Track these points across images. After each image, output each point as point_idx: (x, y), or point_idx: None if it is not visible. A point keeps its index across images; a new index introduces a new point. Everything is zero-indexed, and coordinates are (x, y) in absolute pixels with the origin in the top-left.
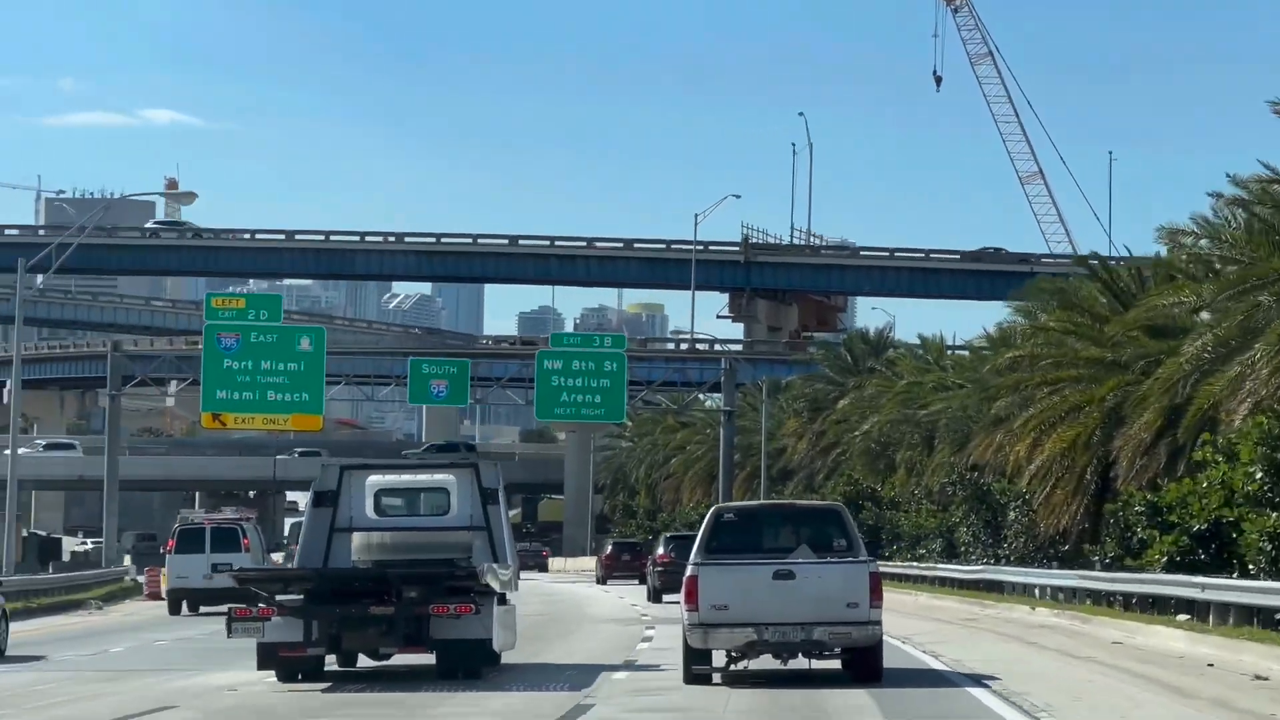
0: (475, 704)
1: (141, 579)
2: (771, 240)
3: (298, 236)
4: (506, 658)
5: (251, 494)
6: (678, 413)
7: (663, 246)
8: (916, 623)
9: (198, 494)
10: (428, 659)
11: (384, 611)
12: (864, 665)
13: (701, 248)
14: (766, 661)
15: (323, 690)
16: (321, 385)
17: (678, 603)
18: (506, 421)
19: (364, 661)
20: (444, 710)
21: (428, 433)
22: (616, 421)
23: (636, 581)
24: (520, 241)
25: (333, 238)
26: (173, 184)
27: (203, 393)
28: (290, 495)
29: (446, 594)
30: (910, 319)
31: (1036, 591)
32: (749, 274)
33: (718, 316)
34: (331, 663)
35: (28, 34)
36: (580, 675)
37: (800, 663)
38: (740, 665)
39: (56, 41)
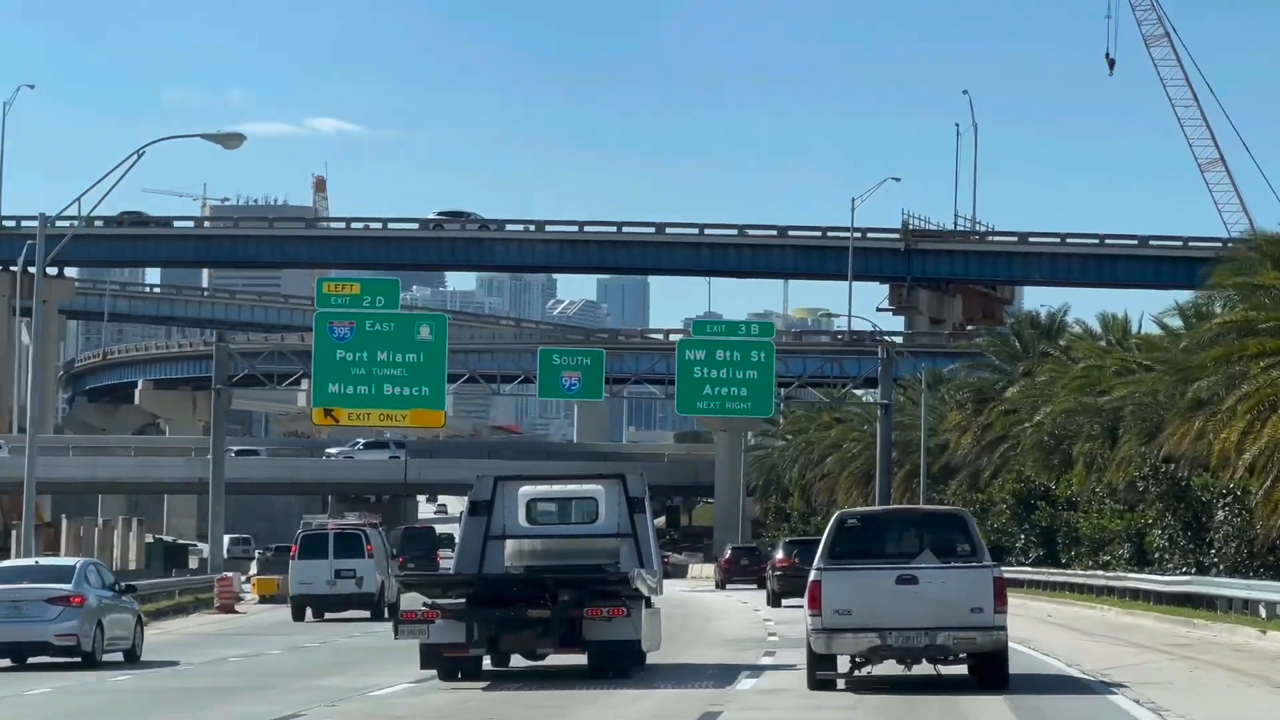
0: (631, 700)
1: (246, 585)
2: (933, 228)
3: (433, 226)
4: (650, 658)
5: (385, 498)
6: (832, 406)
7: (818, 234)
8: (1109, 649)
9: (329, 498)
10: (575, 659)
11: (540, 614)
12: (990, 671)
13: (859, 235)
14: (890, 667)
15: (483, 689)
16: (443, 379)
17: (796, 606)
18: (673, 425)
19: (516, 661)
20: (608, 704)
21: (579, 434)
22: (764, 416)
23: (755, 586)
24: (668, 230)
25: (469, 225)
26: (320, 182)
27: (313, 386)
28: (442, 499)
29: (599, 597)
30: (1082, 312)
31: (1263, 609)
32: (909, 262)
33: (877, 309)
34: (486, 663)
35: (200, 48)
36: (721, 674)
37: (924, 668)
38: (864, 670)
39: (226, 54)
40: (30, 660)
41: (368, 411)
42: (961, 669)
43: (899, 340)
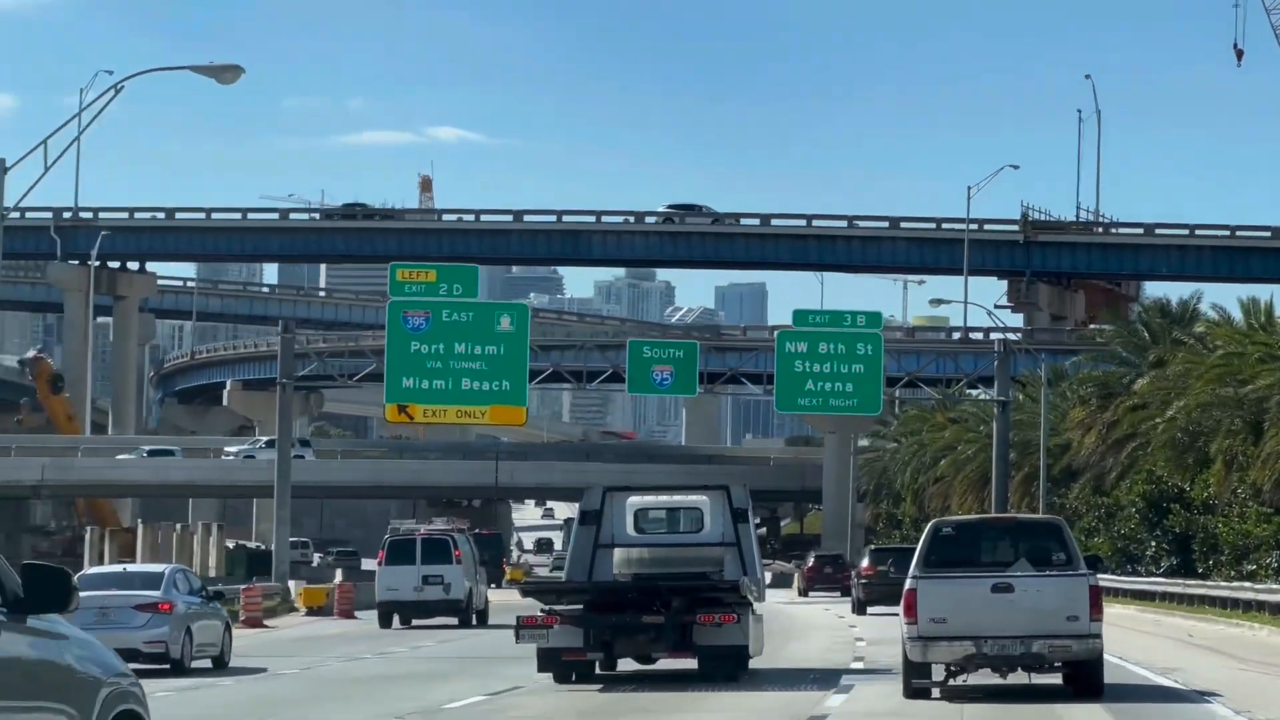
0: (745, 700)
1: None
2: (1054, 219)
3: (527, 217)
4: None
5: (476, 502)
6: (946, 402)
7: (932, 226)
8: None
9: (421, 502)
10: (683, 664)
11: (655, 620)
12: (1084, 679)
13: (976, 226)
14: (984, 676)
15: (599, 690)
16: (524, 373)
17: (882, 615)
18: (790, 431)
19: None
20: (727, 703)
21: (687, 438)
22: (872, 414)
23: (839, 593)
24: (773, 221)
25: (565, 218)
26: (426, 182)
27: (386, 380)
28: (550, 503)
29: (710, 604)
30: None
31: None
32: (1029, 255)
33: (995, 306)
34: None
35: (321, 57)
36: (824, 677)
37: (1019, 677)
38: (959, 679)
39: (347, 63)
40: None
41: (444, 408)
42: (1055, 678)
43: (1017, 337)
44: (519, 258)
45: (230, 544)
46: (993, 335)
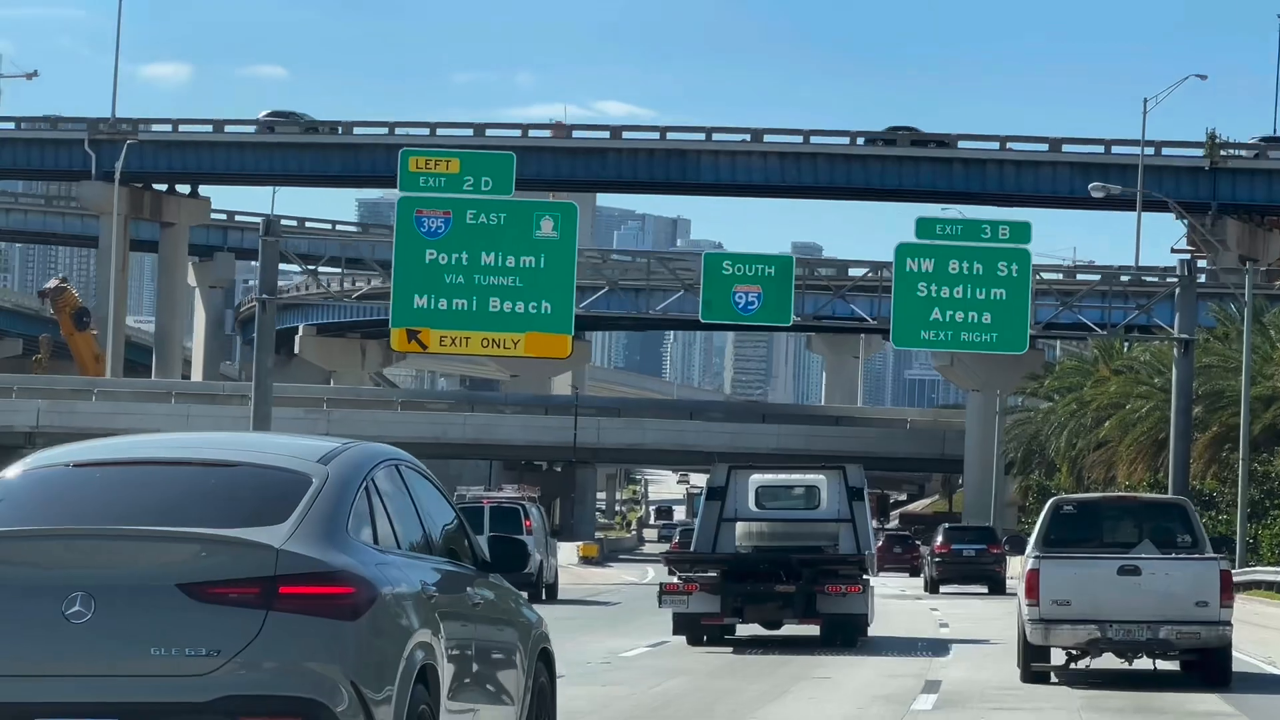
0: (880, 662)
1: None
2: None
3: (626, 135)
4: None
5: (559, 466)
6: (1112, 350)
7: (1100, 150)
8: None
9: (496, 463)
10: (798, 630)
11: (786, 589)
12: (1211, 667)
13: (1151, 150)
14: (1105, 660)
15: (733, 652)
16: (571, 292)
17: (956, 593)
18: (953, 399)
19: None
20: (869, 663)
21: (827, 397)
22: (1014, 352)
23: (907, 574)
24: (913, 143)
25: (670, 135)
26: (559, 126)
27: (393, 298)
28: (684, 472)
29: (835, 576)
30: None
31: None
32: (1215, 185)
33: (1172, 250)
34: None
35: (489, 32)
36: (934, 646)
37: (1141, 662)
38: (1081, 664)
39: (515, 37)
40: None
41: (466, 334)
42: (1176, 664)
43: (1201, 279)
44: (617, 182)
45: None
46: (1169, 279)
